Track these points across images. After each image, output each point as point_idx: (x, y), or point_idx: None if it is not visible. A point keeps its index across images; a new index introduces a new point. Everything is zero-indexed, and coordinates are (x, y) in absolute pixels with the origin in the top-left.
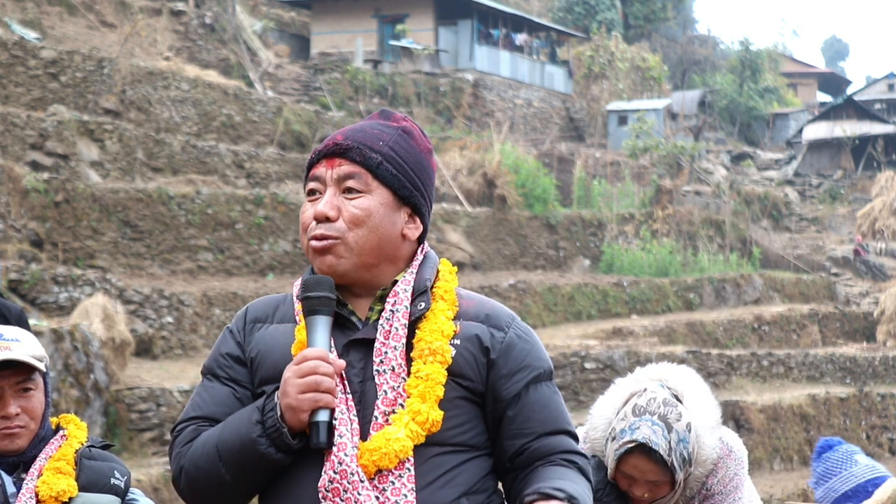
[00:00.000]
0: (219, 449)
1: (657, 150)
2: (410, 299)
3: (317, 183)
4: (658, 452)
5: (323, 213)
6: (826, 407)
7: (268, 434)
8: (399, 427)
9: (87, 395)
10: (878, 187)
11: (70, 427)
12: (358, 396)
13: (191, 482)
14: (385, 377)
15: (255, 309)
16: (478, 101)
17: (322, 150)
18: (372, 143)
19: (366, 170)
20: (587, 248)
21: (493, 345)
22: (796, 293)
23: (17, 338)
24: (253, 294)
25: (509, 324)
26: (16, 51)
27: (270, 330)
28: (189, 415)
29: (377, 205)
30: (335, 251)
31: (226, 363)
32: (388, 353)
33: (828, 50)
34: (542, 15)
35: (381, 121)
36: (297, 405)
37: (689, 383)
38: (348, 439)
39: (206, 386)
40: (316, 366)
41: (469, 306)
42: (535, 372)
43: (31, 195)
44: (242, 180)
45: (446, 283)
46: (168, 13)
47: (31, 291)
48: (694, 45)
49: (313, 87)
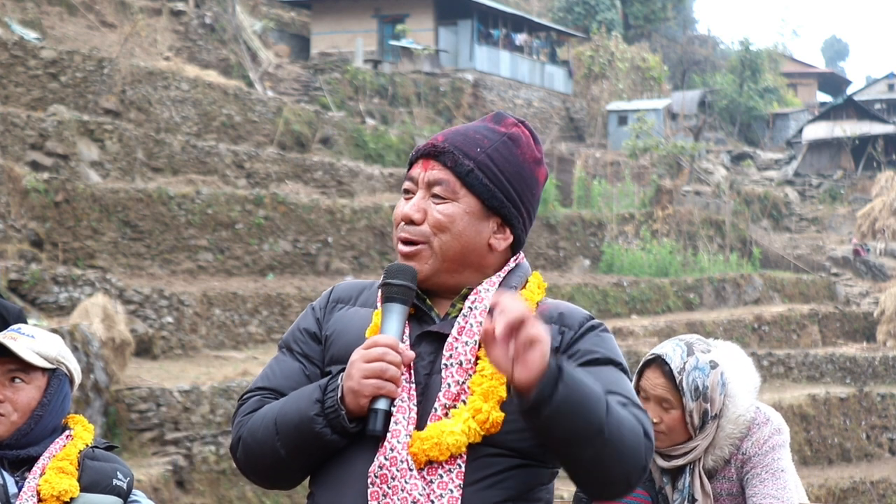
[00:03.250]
0: (277, 423)
1: (657, 150)
2: (491, 301)
3: (411, 183)
4: (668, 366)
5: (408, 215)
6: (826, 407)
7: (325, 414)
8: (457, 421)
9: (87, 395)
10: (878, 187)
11: (77, 428)
12: (422, 388)
13: (247, 452)
14: (451, 371)
15: (340, 290)
16: (478, 101)
17: (421, 150)
18: (469, 148)
19: (455, 176)
20: (587, 248)
21: (562, 346)
22: (796, 293)
23: (33, 335)
24: (253, 294)
25: (582, 323)
26: (16, 51)
27: (350, 312)
28: (257, 385)
29: (461, 212)
30: (419, 257)
31: (302, 338)
32: (458, 347)
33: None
34: (542, 15)
35: (490, 124)
36: (359, 389)
37: (731, 353)
38: (403, 427)
39: (278, 359)
40: (384, 353)
41: (545, 309)
42: (593, 356)
43: (31, 195)
44: (242, 180)
45: (531, 293)
46: (168, 13)
47: (31, 291)
48: (694, 45)
49: (313, 87)
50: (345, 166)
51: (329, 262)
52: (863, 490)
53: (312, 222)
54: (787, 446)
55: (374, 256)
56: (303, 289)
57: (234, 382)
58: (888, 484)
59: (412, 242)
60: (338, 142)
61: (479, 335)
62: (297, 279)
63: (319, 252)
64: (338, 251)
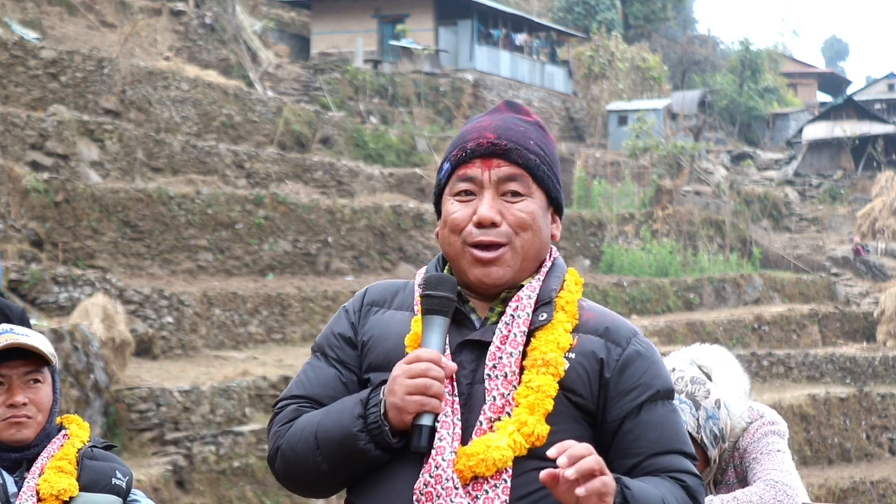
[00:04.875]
0: (318, 437)
1: (657, 150)
2: (533, 307)
3: (471, 184)
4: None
5: (490, 217)
6: (826, 407)
7: (369, 430)
8: (502, 435)
9: (87, 395)
10: (878, 187)
11: (72, 427)
12: (464, 399)
13: (286, 465)
14: (496, 382)
15: (374, 291)
16: (478, 101)
17: (476, 150)
18: (525, 142)
19: (527, 172)
20: (587, 248)
21: (609, 362)
22: (796, 293)
23: (27, 334)
24: (253, 294)
25: (629, 339)
26: (16, 51)
27: (387, 316)
28: (292, 392)
29: (538, 208)
30: (502, 261)
31: (336, 343)
32: (502, 358)
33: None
34: (542, 15)
35: (515, 115)
36: (403, 406)
37: (718, 358)
38: (448, 444)
39: (312, 365)
40: (427, 368)
41: (589, 318)
42: (650, 391)
43: (31, 195)
44: (242, 180)
45: (570, 293)
46: (168, 13)
47: (31, 291)
48: (694, 45)
49: (313, 87)
50: (345, 166)
51: (329, 262)
52: (863, 490)
53: (312, 222)
54: (781, 436)
55: (374, 256)
56: (303, 289)
57: (234, 382)
58: (888, 484)
59: (494, 246)
60: (338, 142)
61: (522, 346)
62: (297, 279)
63: (319, 252)
64: (338, 251)
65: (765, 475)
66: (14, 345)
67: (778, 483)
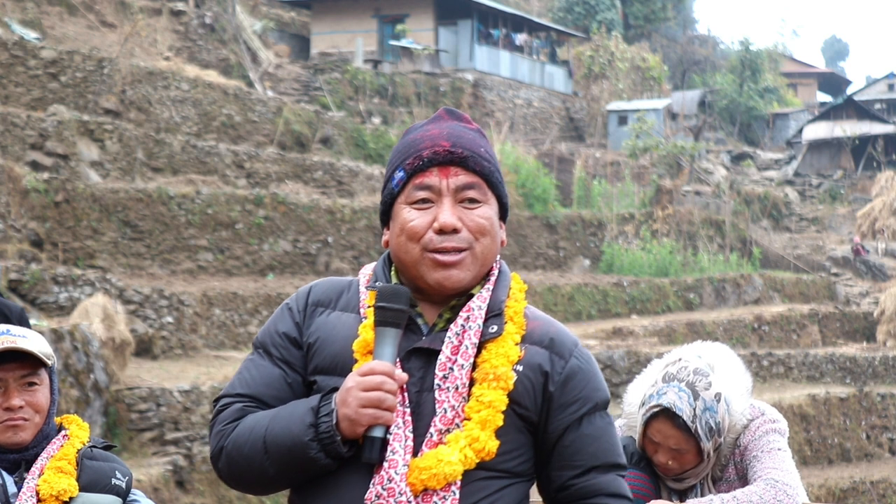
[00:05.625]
0: (266, 442)
1: (657, 150)
2: (484, 318)
3: (428, 192)
4: (681, 418)
5: (452, 224)
6: (826, 407)
7: (320, 439)
8: (454, 449)
9: (87, 395)
10: (878, 187)
11: (72, 427)
12: (413, 407)
13: (231, 465)
14: (447, 395)
15: (318, 291)
16: (478, 101)
17: (434, 158)
18: (478, 150)
19: (482, 179)
20: (587, 248)
21: (553, 374)
22: (796, 293)
23: (24, 335)
24: (253, 294)
25: (571, 351)
26: (16, 51)
27: (332, 317)
28: (236, 390)
29: (493, 214)
30: (463, 265)
31: (281, 343)
32: (453, 369)
33: (828, 50)
34: (542, 15)
35: (459, 122)
36: (357, 419)
37: (722, 355)
38: (400, 457)
39: (256, 362)
40: (382, 382)
41: (535, 328)
42: (589, 404)
43: (31, 195)
44: (242, 180)
45: (517, 303)
46: (168, 13)
47: (31, 291)
48: (694, 45)
49: (313, 87)
50: (345, 166)
51: (329, 262)
52: (863, 490)
53: (312, 222)
54: (782, 434)
55: (373, 256)
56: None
57: None
58: (888, 484)
59: (456, 251)
60: (338, 142)
61: (473, 358)
62: (297, 279)
63: (319, 252)
64: (338, 251)
65: (765, 474)
66: (9, 349)
67: (778, 482)
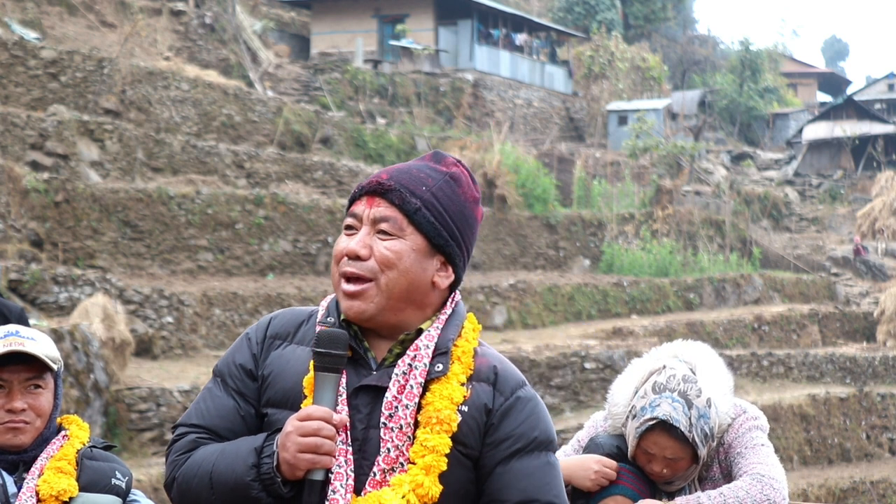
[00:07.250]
0: (212, 479)
1: (657, 150)
2: (431, 357)
3: (354, 219)
4: (679, 429)
5: (354, 251)
6: (826, 407)
7: (262, 480)
8: (397, 493)
9: (87, 395)
10: (878, 187)
11: (72, 427)
12: (359, 444)
13: (181, 496)
14: (391, 434)
15: (277, 323)
16: (478, 101)
17: (365, 187)
18: (415, 186)
19: (402, 214)
20: (587, 248)
21: (494, 410)
22: (796, 293)
23: (33, 337)
24: (253, 294)
25: (514, 390)
26: (16, 51)
27: (287, 351)
28: (191, 420)
29: (409, 249)
30: (365, 295)
31: (237, 374)
32: (399, 409)
33: (828, 50)
34: (542, 15)
35: (431, 163)
36: (295, 463)
37: (702, 356)
38: (341, 496)
39: (213, 392)
40: (319, 427)
41: (482, 365)
42: (523, 441)
43: (31, 195)
44: (242, 180)
45: (467, 342)
46: (168, 13)
47: (31, 291)
48: (694, 45)
49: (313, 87)
50: (345, 166)
51: (329, 262)
52: (863, 490)
53: (312, 222)
54: (763, 430)
55: None
56: (303, 289)
57: None
58: (888, 484)
59: (358, 279)
60: (338, 142)
61: (418, 398)
62: (297, 279)
63: (319, 252)
64: None
65: (751, 469)
66: (16, 351)
67: (764, 477)
